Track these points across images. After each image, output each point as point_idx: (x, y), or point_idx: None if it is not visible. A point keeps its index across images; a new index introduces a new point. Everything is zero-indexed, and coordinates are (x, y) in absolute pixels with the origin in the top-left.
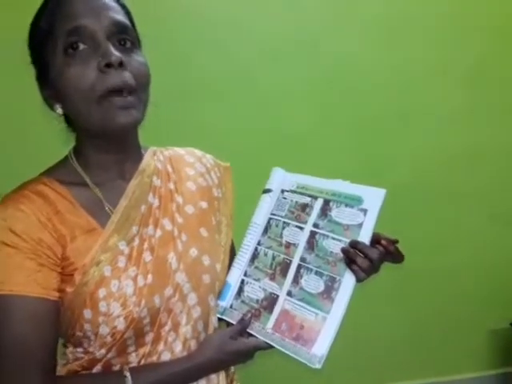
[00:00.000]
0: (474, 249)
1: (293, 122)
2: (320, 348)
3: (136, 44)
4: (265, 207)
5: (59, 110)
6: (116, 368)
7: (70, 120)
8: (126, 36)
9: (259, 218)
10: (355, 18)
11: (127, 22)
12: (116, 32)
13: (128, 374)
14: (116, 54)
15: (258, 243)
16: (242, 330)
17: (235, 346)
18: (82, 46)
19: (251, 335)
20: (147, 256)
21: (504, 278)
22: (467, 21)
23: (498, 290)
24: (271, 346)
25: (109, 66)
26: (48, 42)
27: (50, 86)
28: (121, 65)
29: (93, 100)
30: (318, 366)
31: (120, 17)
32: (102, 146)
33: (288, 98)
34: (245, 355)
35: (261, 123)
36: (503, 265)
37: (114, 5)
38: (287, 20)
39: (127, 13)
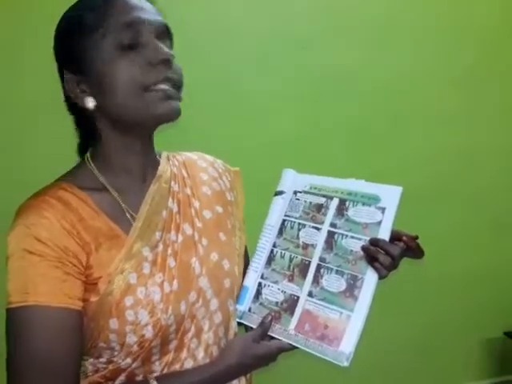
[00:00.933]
0: (471, 258)
1: (284, 125)
2: (347, 346)
3: (173, 43)
4: (278, 209)
5: (91, 104)
6: (139, 378)
7: (93, 121)
8: (169, 37)
9: (273, 220)
10: (347, 19)
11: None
12: (164, 32)
13: (155, 383)
14: (168, 51)
15: (274, 245)
16: (264, 333)
17: (258, 350)
18: (138, 40)
19: (273, 338)
20: (171, 262)
21: (497, 286)
22: (463, 21)
23: (491, 298)
24: (294, 348)
25: (162, 62)
26: (93, 35)
27: (86, 79)
28: (170, 63)
29: (139, 89)
30: (346, 364)
31: (166, 21)
32: (129, 145)
33: (278, 101)
34: (268, 358)
35: (251, 127)
36: (497, 274)
37: (157, 10)
38: (276, 23)
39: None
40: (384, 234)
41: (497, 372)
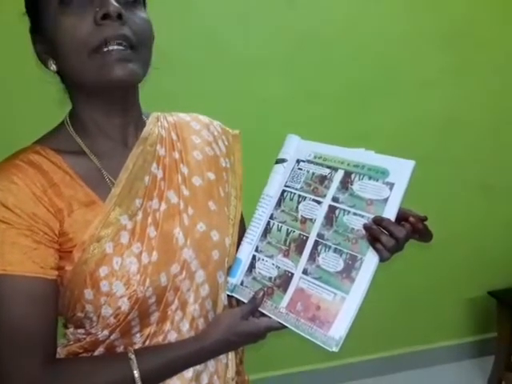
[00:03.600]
0: (457, 219)
1: (271, 85)
2: (337, 330)
3: (140, 0)
4: (278, 178)
5: (53, 67)
6: (120, 349)
7: (65, 79)
8: None
9: (272, 190)
10: None
11: None
12: None
13: (133, 357)
14: (115, 4)
15: (271, 217)
16: (254, 309)
17: (246, 327)
18: None
19: (263, 315)
20: (152, 231)
21: (482, 246)
22: None
23: (476, 258)
24: (284, 327)
25: (106, 17)
26: None
27: (43, 39)
28: (120, 17)
29: (87, 52)
30: (334, 349)
31: None
32: (101, 106)
33: (263, 60)
34: (256, 336)
35: (237, 87)
36: (482, 233)
37: None
38: None
39: None
40: (390, 213)
41: (480, 330)
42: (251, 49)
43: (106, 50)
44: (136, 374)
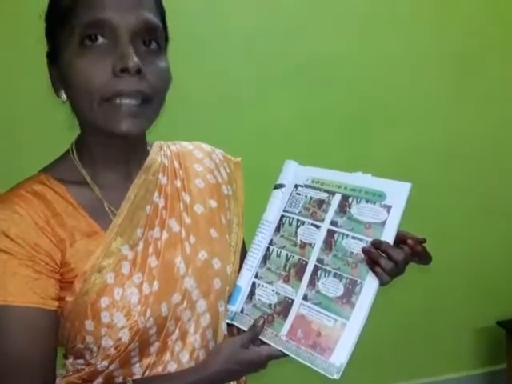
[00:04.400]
0: (463, 246)
1: (273, 113)
2: (338, 357)
3: (163, 46)
4: (277, 204)
5: (63, 97)
6: (118, 380)
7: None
8: (153, 37)
9: (271, 216)
10: (336, 7)
11: (158, 21)
12: (143, 32)
13: None
14: (135, 60)
15: (270, 243)
16: (254, 337)
17: (246, 356)
18: (100, 40)
19: (264, 343)
20: (153, 261)
21: (491, 275)
22: (451, 11)
23: (484, 287)
24: (285, 355)
25: (123, 71)
26: (65, 25)
27: (58, 68)
28: (138, 72)
29: (99, 100)
30: (336, 377)
31: (151, 15)
32: (107, 142)
33: (266, 90)
34: (257, 365)
35: (239, 116)
36: (491, 263)
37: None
38: (264, 10)
39: (160, 10)
40: (388, 236)
41: (489, 361)
42: (252, 77)
43: (118, 102)
44: None
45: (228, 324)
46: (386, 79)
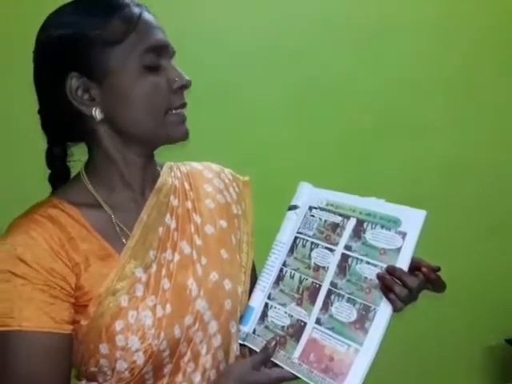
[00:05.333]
0: (470, 264)
1: (274, 133)
2: (351, 383)
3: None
4: (290, 225)
5: (99, 115)
6: None
7: (94, 131)
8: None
9: (284, 237)
10: (337, 31)
11: None
12: (172, 54)
13: None
14: (187, 78)
15: (284, 264)
16: (266, 359)
17: (257, 377)
18: (158, 60)
19: (275, 365)
20: (165, 283)
21: (499, 293)
22: (450, 30)
23: (492, 305)
24: (296, 377)
25: (182, 88)
26: (115, 46)
27: (99, 88)
28: (187, 88)
29: (162, 112)
30: None
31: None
32: (131, 159)
33: (268, 111)
34: None
35: (245, 135)
36: (498, 280)
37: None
38: (268, 32)
39: None
40: (403, 263)
41: (498, 379)
42: (256, 97)
43: (175, 112)
44: None
45: (240, 345)
46: (387, 100)
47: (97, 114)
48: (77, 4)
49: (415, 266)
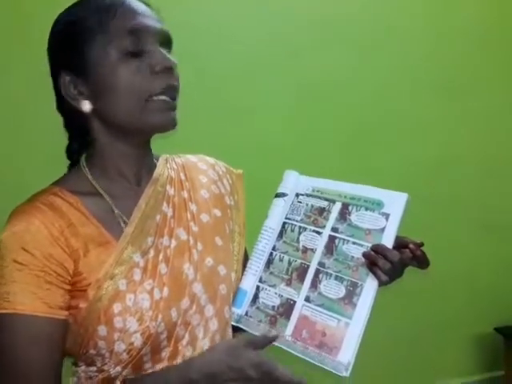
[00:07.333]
0: (459, 255)
1: (273, 131)
2: (345, 355)
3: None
4: (279, 211)
5: (87, 107)
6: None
7: (86, 124)
8: (170, 49)
9: (273, 223)
10: (335, 31)
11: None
12: (165, 41)
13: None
14: (171, 58)
15: (273, 248)
16: (261, 343)
17: (248, 355)
18: (138, 45)
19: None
20: (163, 268)
21: (488, 283)
22: (444, 29)
23: (482, 295)
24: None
25: (166, 69)
26: (97, 39)
27: (85, 81)
28: (173, 71)
29: (144, 98)
30: (345, 374)
31: (168, 30)
32: (125, 148)
33: (267, 108)
34: (255, 366)
35: (241, 132)
36: (488, 270)
37: (159, 18)
38: (267, 31)
39: None
40: (387, 242)
41: (487, 367)
42: (256, 94)
43: (157, 98)
44: None
45: (233, 328)
46: (384, 100)
47: (85, 106)
48: (76, 3)
49: (401, 245)
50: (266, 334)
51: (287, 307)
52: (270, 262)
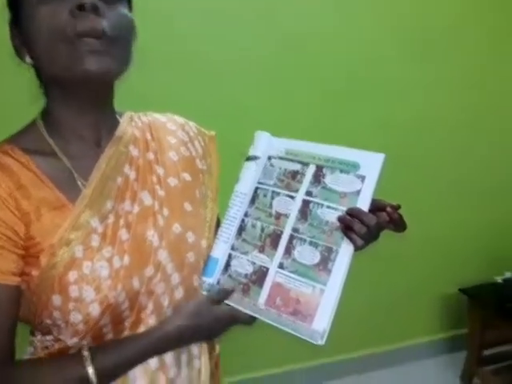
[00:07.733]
0: (426, 217)
1: (248, 91)
2: (320, 323)
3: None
4: (250, 176)
5: (28, 59)
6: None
7: (39, 73)
8: (118, 2)
9: (245, 188)
10: None
11: None
12: None
13: (86, 353)
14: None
15: (245, 214)
16: (223, 296)
17: (214, 312)
18: None
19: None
20: (124, 234)
21: (454, 245)
22: None
23: (447, 256)
24: (253, 319)
25: (81, 8)
26: None
27: (21, 30)
28: (96, 10)
29: (62, 41)
30: (320, 342)
31: None
32: (73, 102)
33: (242, 67)
34: (223, 323)
35: (216, 95)
36: (459, 234)
37: None
38: None
39: None
40: (363, 205)
41: (452, 326)
42: (230, 51)
43: (79, 40)
44: (90, 370)
45: None
46: (360, 60)
47: (27, 59)
48: None
49: (378, 208)
50: (224, 287)
51: (260, 275)
52: (242, 229)
